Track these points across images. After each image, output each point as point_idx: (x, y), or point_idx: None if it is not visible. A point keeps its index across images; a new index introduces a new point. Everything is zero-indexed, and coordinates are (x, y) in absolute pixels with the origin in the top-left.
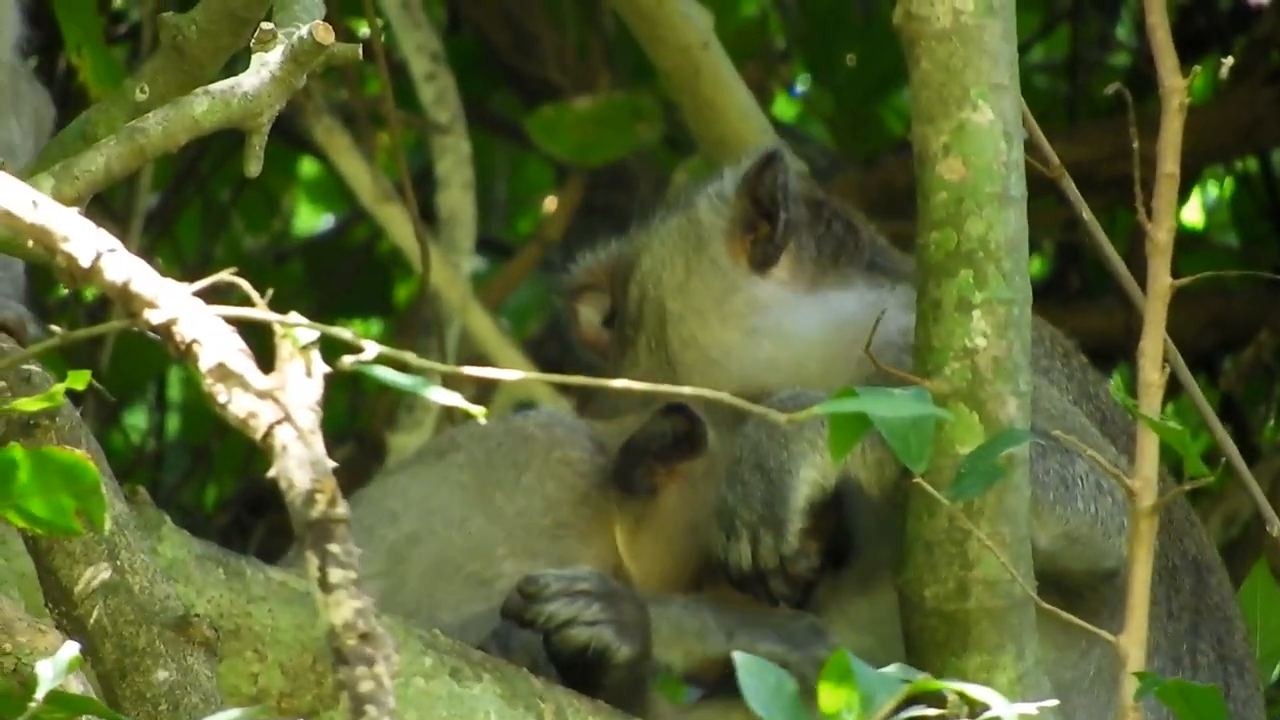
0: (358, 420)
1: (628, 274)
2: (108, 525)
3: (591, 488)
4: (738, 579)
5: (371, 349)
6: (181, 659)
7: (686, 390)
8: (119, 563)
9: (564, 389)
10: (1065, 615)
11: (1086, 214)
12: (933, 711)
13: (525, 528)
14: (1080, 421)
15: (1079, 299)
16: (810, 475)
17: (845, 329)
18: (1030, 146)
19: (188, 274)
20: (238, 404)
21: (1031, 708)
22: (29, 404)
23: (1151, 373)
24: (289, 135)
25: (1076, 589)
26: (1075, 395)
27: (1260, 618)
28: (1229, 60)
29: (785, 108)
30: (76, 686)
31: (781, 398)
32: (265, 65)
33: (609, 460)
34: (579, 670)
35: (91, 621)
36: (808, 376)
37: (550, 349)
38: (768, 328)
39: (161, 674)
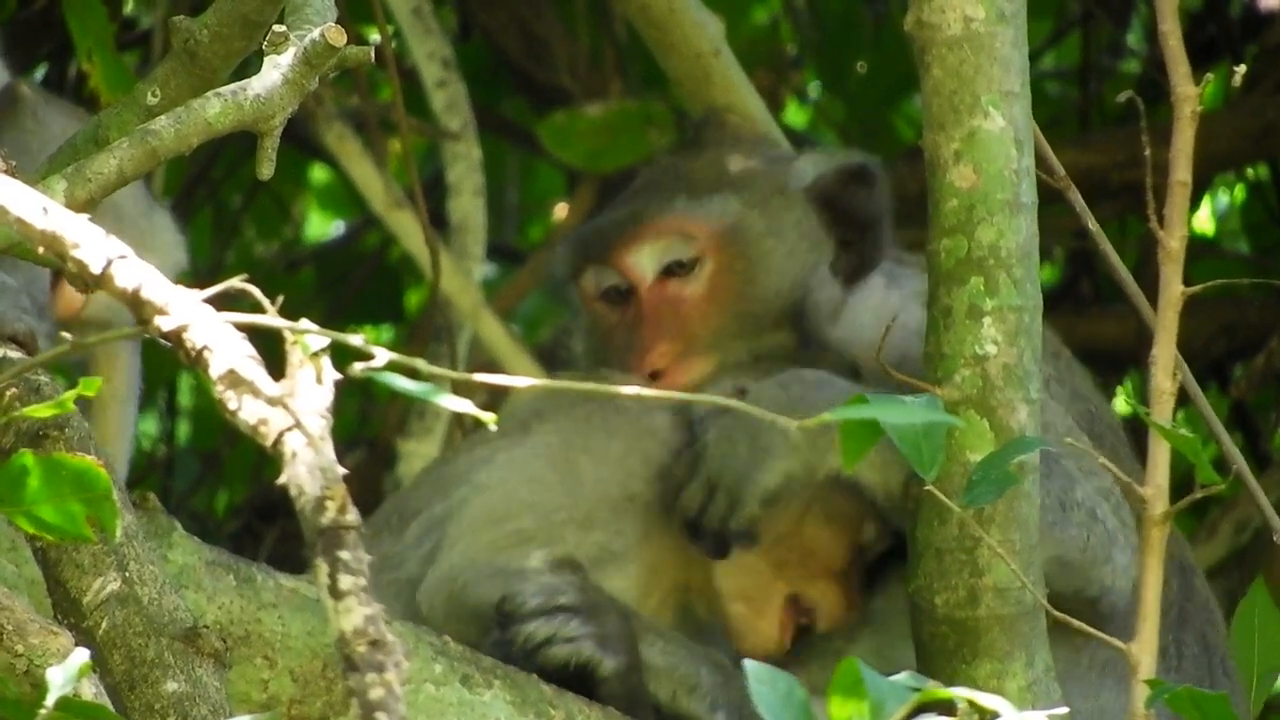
0: (368, 427)
1: None
2: (119, 534)
3: (667, 460)
4: (676, 513)
5: (382, 355)
6: (191, 670)
7: (697, 397)
8: (128, 574)
9: None
10: (1076, 623)
11: (1093, 225)
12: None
13: (594, 495)
14: (1085, 441)
15: (1091, 306)
16: (787, 467)
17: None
18: (1037, 156)
19: (199, 280)
20: (248, 411)
21: (1042, 716)
22: (38, 411)
23: (1164, 380)
24: (300, 142)
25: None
26: (1068, 397)
27: (1259, 635)
28: (1241, 68)
29: (797, 114)
30: (88, 691)
31: (781, 379)
32: (277, 67)
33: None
34: (573, 685)
35: (100, 633)
36: None
37: (561, 355)
38: None
39: (170, 685)
